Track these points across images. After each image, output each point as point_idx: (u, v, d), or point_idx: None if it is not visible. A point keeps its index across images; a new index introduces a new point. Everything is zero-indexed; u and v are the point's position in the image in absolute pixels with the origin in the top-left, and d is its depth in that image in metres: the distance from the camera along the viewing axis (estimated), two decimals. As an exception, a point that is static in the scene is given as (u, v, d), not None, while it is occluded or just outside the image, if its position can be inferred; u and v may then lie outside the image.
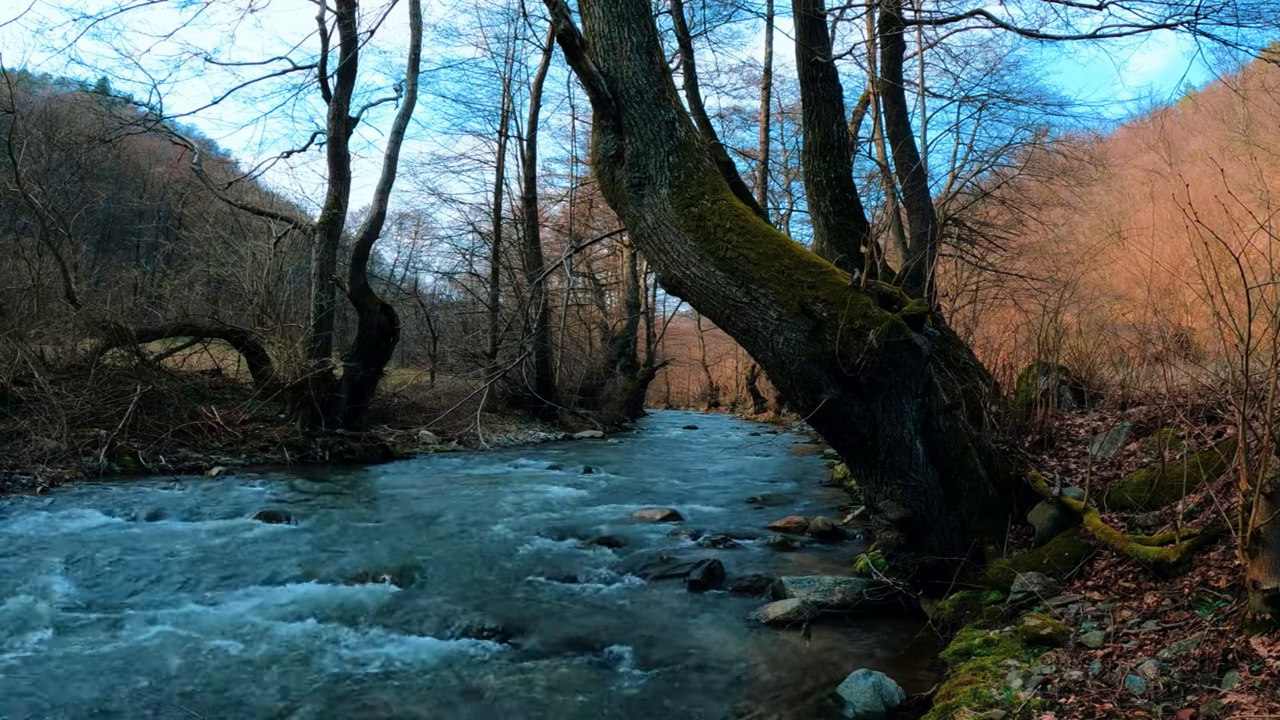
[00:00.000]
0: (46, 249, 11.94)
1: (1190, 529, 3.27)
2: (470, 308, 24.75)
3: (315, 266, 12.24)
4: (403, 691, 3.04)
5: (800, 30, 6.55)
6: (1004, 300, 16.97)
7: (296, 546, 5.29)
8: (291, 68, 13.51)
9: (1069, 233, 22.02)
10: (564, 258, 15.69)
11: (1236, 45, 6.88)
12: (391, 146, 12.69)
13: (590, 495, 8.04)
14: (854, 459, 4.13)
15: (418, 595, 4.30)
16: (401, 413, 14.55)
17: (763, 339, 3.86)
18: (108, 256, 26.97)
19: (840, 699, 2.96)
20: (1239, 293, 3.02)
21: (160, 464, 8.82)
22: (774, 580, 4.43)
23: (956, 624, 3.57)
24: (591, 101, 4.25)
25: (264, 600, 4.13)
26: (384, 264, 33.17)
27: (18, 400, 8.77)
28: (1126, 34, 6.73)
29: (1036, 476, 4.34)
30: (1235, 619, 2.63)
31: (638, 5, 4.20)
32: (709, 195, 4.08)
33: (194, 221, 21.97)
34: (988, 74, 17.87)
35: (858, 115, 16.37)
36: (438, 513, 6.75)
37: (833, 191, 6.37)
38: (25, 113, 16.72)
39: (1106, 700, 2.40)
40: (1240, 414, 2.83)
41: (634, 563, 5.06)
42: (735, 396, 41.09)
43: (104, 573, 4.53)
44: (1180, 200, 3.62)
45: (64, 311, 11.10)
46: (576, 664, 3.37)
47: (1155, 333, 8.96)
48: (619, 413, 22.18)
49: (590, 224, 26.96)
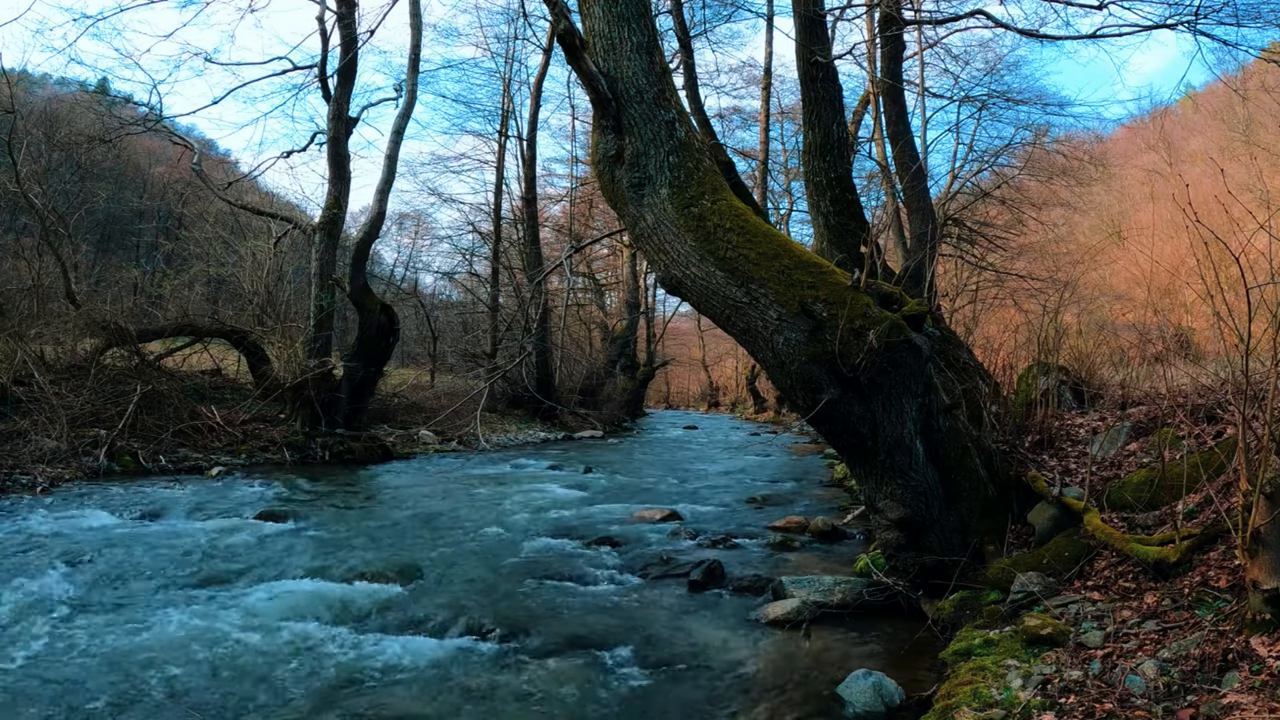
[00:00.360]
0: (46, 249, 11.94)
1: (1190, 529, 3.27)
2: (470, 308, 24.76)
3: (315, 266, 12.25)
4: (403, 691, 3.04)
5: (800, 30, 6.55)
6: (1004, 300, 16.98)
7: (297, 546, 5.29)
8: (291, 68, 13.53)
9: (1069, 233, 22.03)
10: (564, 258, 15.70)
11: (1236, 45, 6.88)
12: (391, 146, 12.71)
13: (590, 495, 8.04)
14: (854, 459, 4.13)
15: (418, 595, 4.30)
16: (401, 413, 14.55)
17: (763, 339, 3.87)
18: (108, 256, 26.98)
19: (840, 699, 2.96)
20: (1239, 293, 3.02)
21: (160, 464, 8.82)
22: (774, 580, 4.43)
23: (956, 624, 3.57)
24: (591, 101, 4.25)
25: (264, 600, 4.13)
26: (384, 264, 33.22)
27: (18, 400, 8.77)
28: (1126, 34, 6.74)
29: (1036, 476, 4.34)
30: (1235, 619, 2.63)
31: (638, 5, 4.20)
32: (709, 195, 4.08)
33: (194, 221, 21.98)
34: (988, 74, 17.89)
35: (858, 115, 16.37)
36: (438, 513, 6.75)
37: (833, 191, 6.37)
38: (25, 113, 16.71)
39: (1106, 700, 2.40)
40: (1240, 414, 2.83)
41: (634, 563, 5.06)
42: (735, 396, 41.10)
43: (104, 573, 4.53)
44: (1180, 200, 3.62)
45: (64, 311, 11.10)
46: (577, 664, 3.37)
47: (1155, 333, 8.96)
48: (619, 413, 22.18)
49: (590, 224, 26.96)
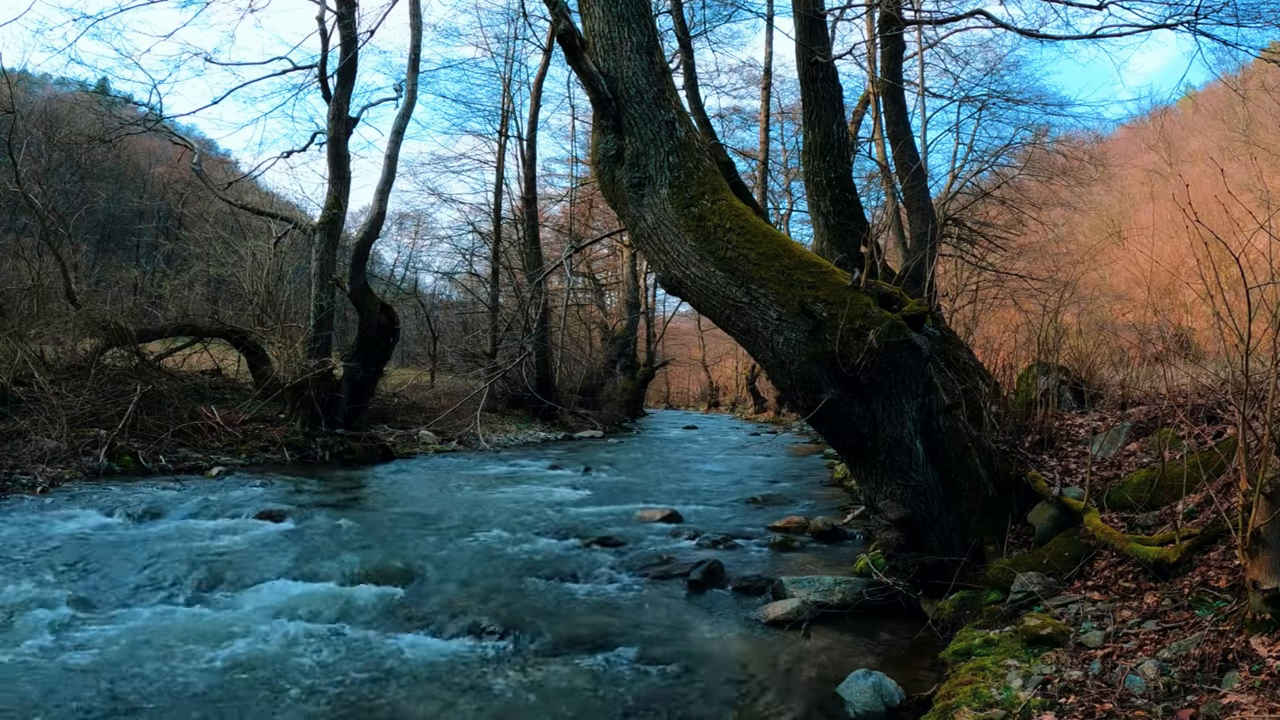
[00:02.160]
0: (46, 249, 11.94)
1: (1190, 529, 3.27)
2: (470, 308, 24.75)
3: (315, 266, 12.25)
4: (403, 690, 3.04)
5: (800, 30, 6.55)
6: (1004, 300, 16.99)
7: (296, 546, 5.29)
8: (291, 68, 13.51)
9: (1069, 233, 22.04)
10: (564, 258, 15.71)
11: (1236, 45, 6.88)
12: (391, 146, 12.71)
13: (590, 495, 8.04)
14: (854, 459, 4.13)
15: (418, 595, 4.30)
16: (401, 413, 14.55)
17: (763, 339, 3.87)
18: (108, 256, 26.98)
19: (840, 699, 2.96)
20: (1239, 293, 3.02)
21: (160, 464, 8.82)
22: (774, 580, 4.43)
23: (956, 624, 3.57)
24: (591, 101, 4.25)
25: (264, 600, 4.13)
26: (384, 264, 33.19)
27: (18, 400, 8.77)
28: (1126, 34, 6.74)
29: (1036, 476, 4.34)
30: (1235, 619, 2.63)
31: (638, 5, 4.20)
32: (709, 195, 4.08)
33: (194, 221, 21.97)
34: (988, 74, 17.89)
35: (858, 115, 16.36)
36: (438, 513, 6.75)
37: (833, 191, 6.37)
38: (25, 113, 16.71)
39: (1106, 700, 2.40)
40: (1240, 414, 2.83)
41: (634, 563, 5.06)
42: (735, 396, 41.10)
43: (104, 573, 4.53)
44: (1180, 200, 3.62)
45: (64, 311, 11.10)
46: (577, 663, 3.37)
47: (1155, 333, 8.96)
48: (619, 413, 22.18)
49: (590, 224, 26.96)
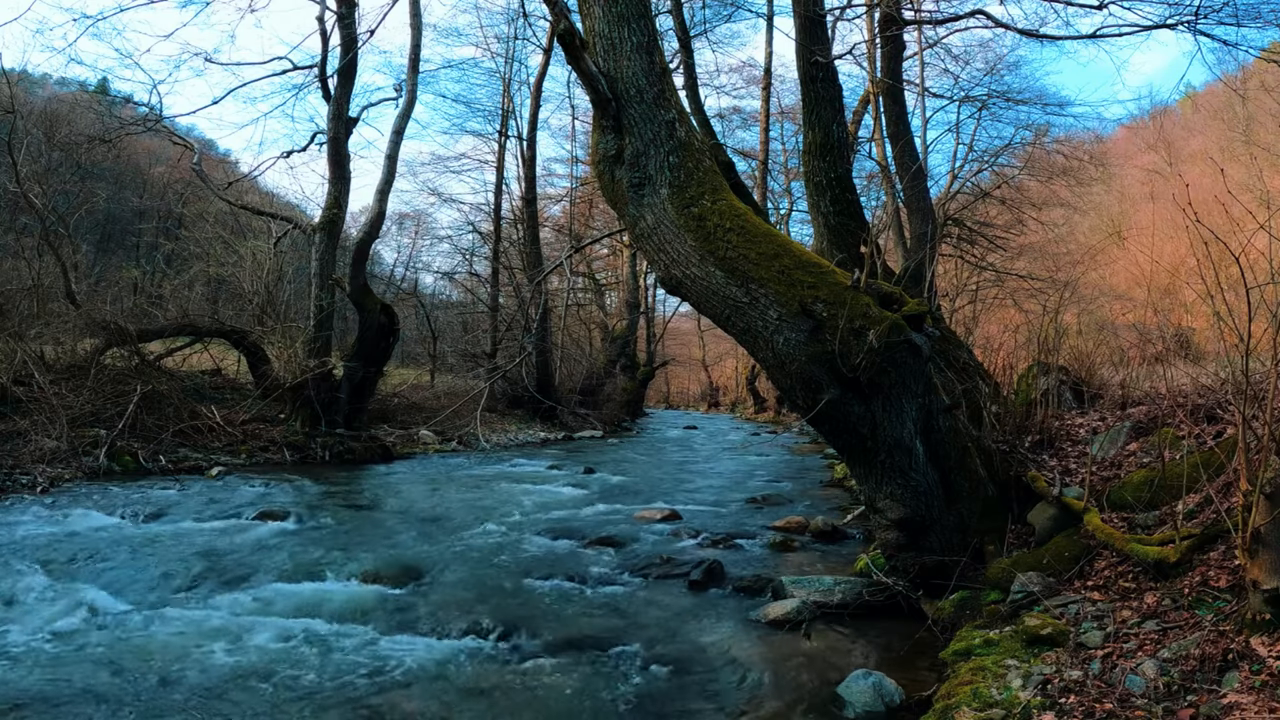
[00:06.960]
0: (46, 249, 11.94)
1: (1190, 529, 3.27)
2: (470, 308, 24.74)
3: (315, 266, 12.24)
4: (403, 691, 3.04)
5: (800, 30, 6.55)
6: (1004, 300, 16.99)
7: (297, 546, 5.28)
8: (291, 68, 13.51)
9: (1069, 233, 22.01)
10: (564, 258, 15.71)
11: (1236, 45, 6.88)
12: (391, 146, 12.70)
13: (590, 495, 8.03)
14: (854, 459, 4.13)
15: (418, 595, 4.30)
16: (401, 413, 14.54)
17: (763, 339, 3.87)
18: (108, 256, 26.98)
19: (840, 699, 2.96)
20: (1239, 293, 3.03)
21: (160, 464, 8.81)
22: (774, 580, 4.43)
23: (956, 624, 3.57)
24: (591, 101, 4.25)
25: (264, 600, 4.14)
26: (384, 264, 33.16)
27: (18, 400, 8.76)
28: (1126, 34, 6.75)
29: (1036, 476, 4.34)
30: (1235, 619, 2.63)
31: (638, 5, 4.20)
32: (709, 195, 4.08)
33: (194, 221, 21.93)
34: (988, 74, 17.85)
35: (858, 115, 16.35)
36: (438, 513, 6.75)
37: (833, 191, 6.37)
38: (25, 113, 16.67)
39: (1106, 700, 2.40)
40: (1240, 414, 2.83)
41: (634, 563, 5.06)
42: (735, 396, 41.09)
43: (104, 573, 4.53)
44: (1180, 200, 3.62)
45: (64, 311, 11.09)
46: (577, 664, 3.37)
47: (1155, 333, 8.95)
48: (619, 413, 22.16)
49: (590, 224, 26.96)
